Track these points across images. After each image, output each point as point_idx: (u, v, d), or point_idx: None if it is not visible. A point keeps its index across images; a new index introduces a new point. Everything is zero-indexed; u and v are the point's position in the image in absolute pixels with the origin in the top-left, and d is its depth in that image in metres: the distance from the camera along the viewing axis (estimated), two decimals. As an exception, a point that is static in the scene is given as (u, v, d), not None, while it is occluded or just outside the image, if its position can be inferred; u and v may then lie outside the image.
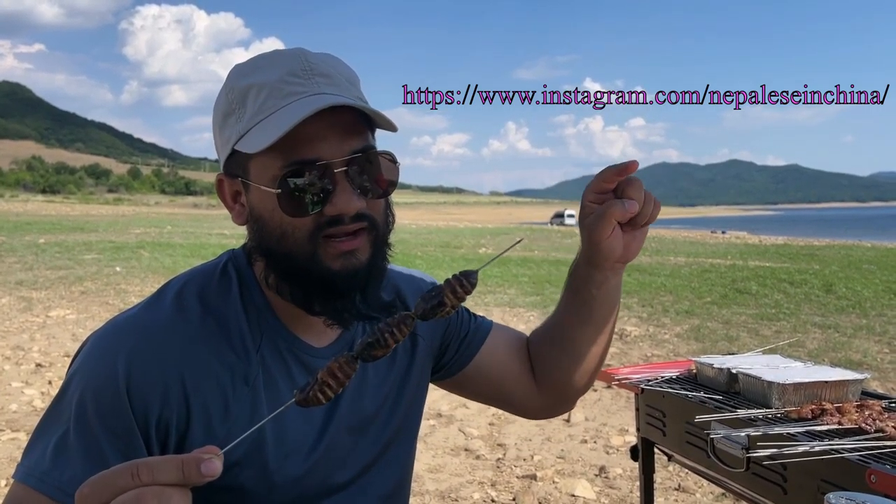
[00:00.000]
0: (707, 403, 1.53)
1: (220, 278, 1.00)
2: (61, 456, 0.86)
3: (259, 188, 0.91)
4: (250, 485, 0.95)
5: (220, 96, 0.97)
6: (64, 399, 0.90)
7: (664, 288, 11.46)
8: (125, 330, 0.93)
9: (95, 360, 0.91)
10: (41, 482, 0.85)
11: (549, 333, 1.18)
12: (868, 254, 19.53)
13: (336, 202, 0.89)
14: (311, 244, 0.91)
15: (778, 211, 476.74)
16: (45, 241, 18.83)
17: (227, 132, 0.94)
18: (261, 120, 0.90)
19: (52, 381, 5.49)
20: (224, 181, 0.98)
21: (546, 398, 1.23)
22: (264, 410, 0.94)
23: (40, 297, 9.55)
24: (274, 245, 0.93)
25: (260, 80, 0.92)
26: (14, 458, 3.93)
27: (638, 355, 6.77)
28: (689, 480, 3.71)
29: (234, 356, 0.94)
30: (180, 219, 44.67)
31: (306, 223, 0.90)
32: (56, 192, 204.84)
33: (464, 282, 0.72)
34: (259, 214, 0.93)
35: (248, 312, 0.97)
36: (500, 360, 1.22)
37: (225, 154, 0.96)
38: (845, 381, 1.50)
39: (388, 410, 1.09)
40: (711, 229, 55.75)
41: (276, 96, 0.90)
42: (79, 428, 0.87)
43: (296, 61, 0.93)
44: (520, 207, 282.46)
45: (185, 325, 0.93)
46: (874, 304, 9.60)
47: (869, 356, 6.57)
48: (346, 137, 0.90)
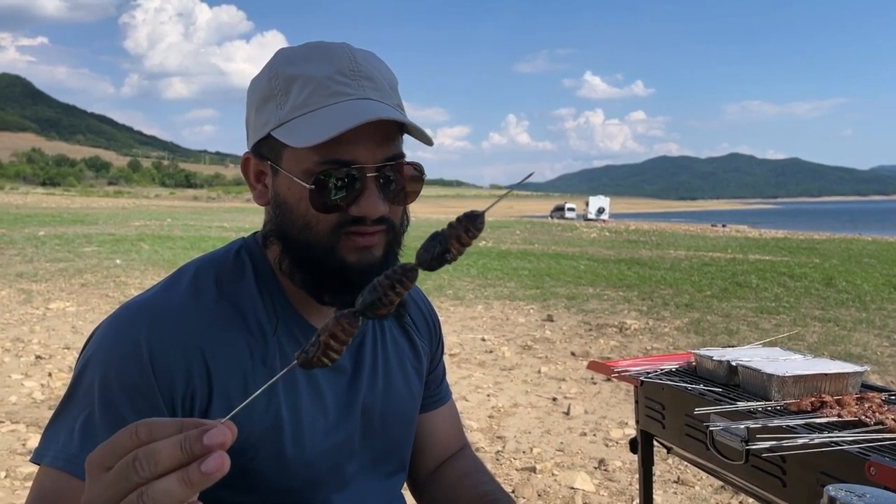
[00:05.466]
0: (706, 396, 1.53)
1: (234, 264, 1.01)
2: (89, 437, 0.86)
3: (289, 177, 0.93)
4: (263, 468, 0.95)
5: (262, 78, 0.97)
6: (81, 385, 0.90)
7: (664, 281, 11.47)
8: (143, 311, 0.93)
9: (114, 340, 0.91)
10: (72, 464, 0.85)
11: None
12: (868, 247, 19.54)
13: (363, 204, 0.92)
14: (333, 239, 0.93)
15: (778, 205, 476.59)
16: (45, 233, 18.83)
17: (264, 115, 0.95)
18: (303, 114, 0.91)
19: (52, 373, 5.50)
20: (251, 160, 1.00)
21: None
22: (280, 393, 0.96)
23: (40, 290, 9.55)
24: (295, 234, 0.95)
25: (307, 73, 0.93)
26: (14, 450, 3.93)
27: (637, 348, 6.78)
28: (689, 473, 3.72)
29: (252, 338, 0.96)
30: (180, 211, 44.69)
31: (331, 219, 0.93)
32: (56, 184, 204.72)
33: (470, 227, 0.62)
34: (284, 201, 0.95)
35: (264, 298, 0.99)
36: (432, 434, 1.26)
37: (258, 136, 0.96)
38: (845, 374, 1.50)
39: (398, 399, 1.12)
40: (711, 223, 55.76)
41: (323, 94, 0.91)
42: (104, 407, 0.87)
43: (344, 60, 0.94)
44: (520, 201, 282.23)
45: (203, 307, 0.94)
46: (874, 298, 9.61)
47: (869, 349, 6.58)
48: (382, 144, 0.92)
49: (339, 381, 1.03)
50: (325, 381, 1.01)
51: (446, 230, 0.62)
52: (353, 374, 1.05)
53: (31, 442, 4.01)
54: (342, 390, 1.04)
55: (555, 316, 8.33)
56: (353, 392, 1.05)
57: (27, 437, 4.09)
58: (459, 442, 1.30)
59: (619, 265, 14.09)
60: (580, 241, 23.72)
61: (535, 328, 7.78)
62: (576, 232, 29.48)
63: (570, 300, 9.54)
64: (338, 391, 1.03)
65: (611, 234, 28.71)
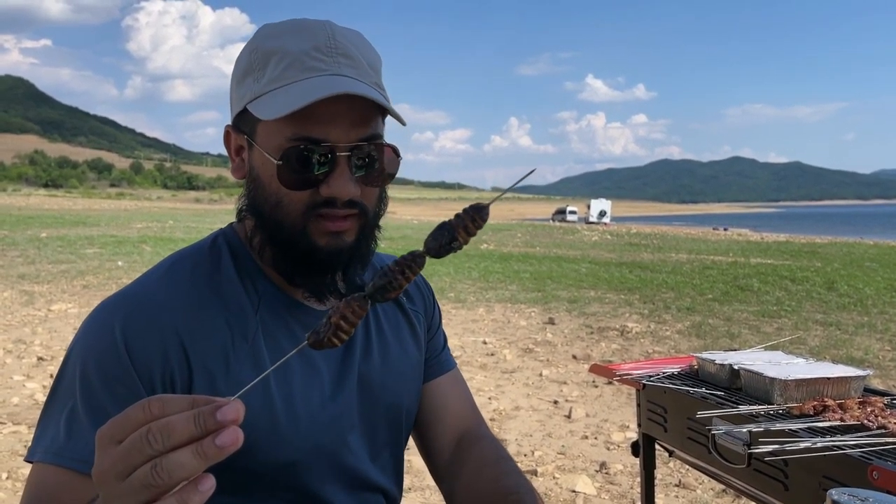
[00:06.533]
0: (709, 399, 1.53)
1: (210, 252, 1.02)
2: (74, 429, 0.87)
3: (262, 152, 0.94)
4: (262, 442, 0.95)
5: (244, 53, 0.98)
6: (64, 378, 0.92)
7: (666, 285, 11.46)
8: (118, 302, 0.94)
9: (91, 333, 0.92)
10: (60, 457, 0.86)
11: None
12: (870, 251, 19.50)
13: (332, 185, 0.91)
14: (303, 220, 0.93)
15: (780, 208, 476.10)
16: (47, 235, 18.85)
17: (243, 89, 0.96)
18: (277, 88, 0.92)
19: (54, 375, 5.50)
20: (231, 134, 1.01)
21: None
22: (267, 365, 0.95)
23: (42, 291, 9.57)
24: (268, 210, 0.95)
25: (284, 47, 0.93)
26: (16, 451, 3.94)
27: (639, 352, 6.77)
28: (690, 476, 3.71)
29: (231, 316, 0.96)
30: (182, 213, 44.70)
31: (302, 198, 0.92)
32: (58, 186, 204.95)
33: (476, 217, 0.67)
34: (258, 176, 0.96)
35: (243, 279, 0.99)
36: (443, 404, 1.22)
37: (237, 110, 0.98)
38: (847, 378, 1.49)
39: (396, 367, 1.11)
40: (713, 226, 55.73)
41: (297, 68, 0.92)
42: (85, 398, 0.88)
43: (322, 36, 0.94)
44: (522, 203, 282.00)
45: (177, 291, 0.95)
46: (876, 302, 9.59)
47: (871, 353, 6.57)
48: (357, 124, 0.92)
49: (333, 354, 1.04)
50: (319, 356, 1.01)
51: (453, 220, 0.67)
52: (347, 345, 1.05)
53: (32, 443, 4.02)
54: (336, 363, 1.04)
55: (556, 319, 8.32)
56: (348, 363, 1.05)
57: (29, 439, 4.09)
58: (474, 416, 1.25)
59: (621, 268, 14.08)
60: (582, 244, 23.71)
61: (536, 331, 7.77)
62: (577, 235, 29.47)
63: (572, 303, 9.53)
64: (332, 364, 1.03)
65: (612, 237, 28.70)
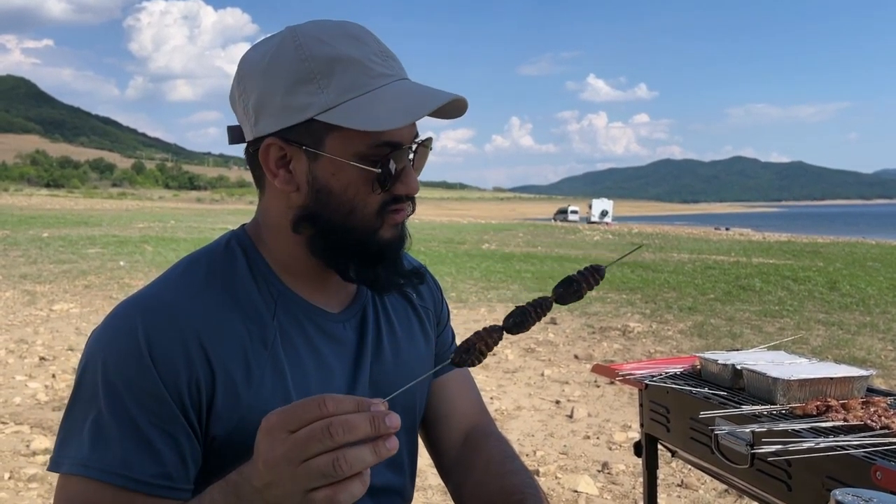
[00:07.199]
0: (711, 399, 1.53)
1: (225, 254, 1.01)
2: (99, 439, 0.87)
3: (338, 161, 0.92)
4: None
5: (289, 60, 0.92)
6: (84, 386, 0.90)
7: (667, 284, 11.45)
8: (136, 307, 0.93)
9: (111, 338, 0.90)
10: (87, 468, 0.86)
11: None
12: (872, 251, 19.47)
13: (407, 182, 0.96)
14: (378, 220, 0.96)
15: (782, 208, 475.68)
16: (49, 234, 18.88)
17: (300, 98, 0.91)
18: (357, 96, 0.91)
19: (56, 375, 5.51)
20: (273, 146, 0.94)
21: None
22: (286, 372, 0.95)
23: (44, 291, 9.58)
24: (338, 219, 0.95)
25: (346, 54, 0.92)
26: (18, 451, 3.94)
27: (641, 352, 6.77)
28: (693, 476, 3.71)
29: (250, 322, 0.96)
30: (184, 213, 44.75)
31: (376, 200, 0.95)
32: (60, 186, 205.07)
33: (595, 275, 0.90)
34: (325, 186, 0.94)
35: (258, 283, 0.99)
36: (450, 399, 1.23)
37: (292, 121, 0.92)
38: (850, 378, 1.49)
39: (407, 367, 1.12)
40: (715, 226, 55.69)
41: (369, 75, 0.92)
42: (110, 407, 0.87)
43: (368, 38, 0.96)
44: (523, 203, 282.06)
45: (195, 295, 0.94)
46: (878, 302, 9.58)
47: (873, 353, 6.56)
48: (412, 123, 0.96)
49: (345, 356, 1.04)
50: (332, 356, 1.02)
51: (577, 275, 0.90)
52: (358, 346, 1.05)
53: (35, 443, 4.02)
54: (349, 363, 1.04)
55: (558, 319, 8.32)
56: (360, 364, 1.05)
57: (31, 439, 4.10)
58: (482, 414, 1.26)
59: (622, 268, 14.07)
60: (583, 243, 23.71)
61: (538, 331, 7.76)
62: (579, 235, 29.47)
63: (573, 303, 9.51)
64: (345, 364, 1.04)
65: (614, 236, 28.69)
